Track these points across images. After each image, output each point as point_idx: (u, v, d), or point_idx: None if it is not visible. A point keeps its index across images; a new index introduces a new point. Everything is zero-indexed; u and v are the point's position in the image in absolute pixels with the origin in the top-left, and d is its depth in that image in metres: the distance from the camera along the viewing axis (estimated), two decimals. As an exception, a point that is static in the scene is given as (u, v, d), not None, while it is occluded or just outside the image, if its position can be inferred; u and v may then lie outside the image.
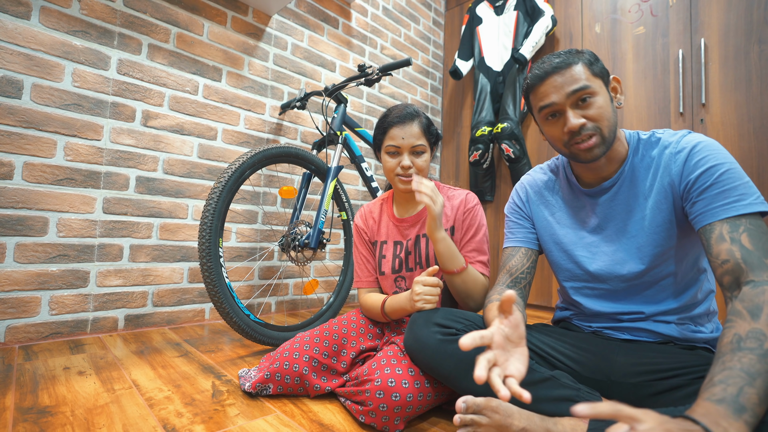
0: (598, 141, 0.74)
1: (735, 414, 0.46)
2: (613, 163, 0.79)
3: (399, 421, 0.77)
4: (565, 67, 0.74)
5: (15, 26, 1.22)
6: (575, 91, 0.73)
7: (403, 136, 0.99)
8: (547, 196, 0.91)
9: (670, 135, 0.77)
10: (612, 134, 0.74)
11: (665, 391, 0.67)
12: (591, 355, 0.77)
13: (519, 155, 2.20)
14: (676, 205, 0.74)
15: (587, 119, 0.73)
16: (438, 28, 2.92)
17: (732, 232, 0.63)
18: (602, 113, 0.73)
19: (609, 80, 0.77)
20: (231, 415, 0.82)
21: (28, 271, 1.23)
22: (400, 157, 1.01)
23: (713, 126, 1.73)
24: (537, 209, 0.92)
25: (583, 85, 0.73)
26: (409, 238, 1.07)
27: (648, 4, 1.94)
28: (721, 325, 0.79)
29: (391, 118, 1.02)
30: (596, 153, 0.75)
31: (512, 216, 0.95)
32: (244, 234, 1.75)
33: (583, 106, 0.74)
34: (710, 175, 0.68)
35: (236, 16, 1.74)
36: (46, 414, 0.78)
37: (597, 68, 0.75)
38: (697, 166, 0.70)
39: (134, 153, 1.45)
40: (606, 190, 0.81)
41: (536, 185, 0.93)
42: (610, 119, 0.74)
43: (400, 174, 1.01)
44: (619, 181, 0.79)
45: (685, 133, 0.75)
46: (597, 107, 0.73)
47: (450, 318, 0.82)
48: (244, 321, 1.17)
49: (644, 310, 0.77)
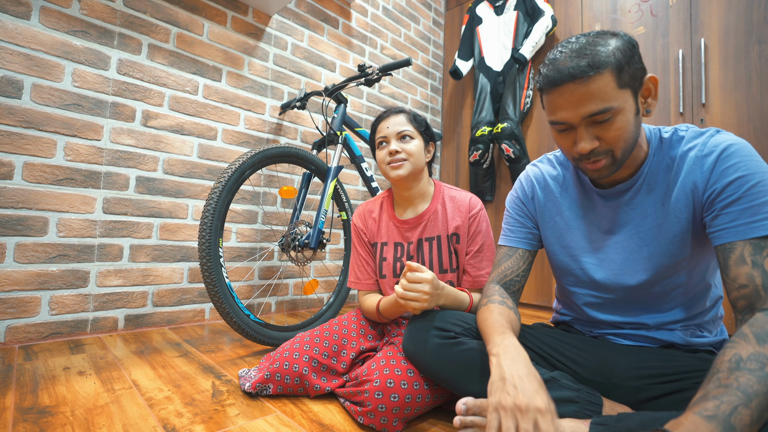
0: (608, 163, 0.66)
1: None
2: (628, 168, 0.72)
3: (398, 422, 0.77)
4: (586, 77, 0.61)
5: (15, 26, 1.22)
6: (592, 114, 0.62)
7: (388, 125, 1.03)
8: (555, 194, 0.83)
9: (695, 134, 0.68)
10: (627, 153, 0.66)
11: (666, 394, 0.67)
12: (592, 357, 0.76)
13: (519, 155, 2.20)
14: (696, 214, 0.67)
15: (601, 141, 0.64)
16: (438, 28, 2.92)
17: (755, 255, 0.57)
18: (620, 135, 0.63)
19: (642, 84, 0.64)
20: (231, 415, 0.82)
21: (28, 271, 1.23)
22: (388, 146, 1.03)
23: (713, 126, 1.72)
24: (543, 207, 0.84)
25: (603, 108, 0.61)
26: (410, 241, 1.06)
27: (648, 4, 1.94)
28: (725, 329, 0.78)
29: (379, 116, 1.07)
30: (603, 174, 0.68)
31: (513, 212, 0.88)
32: (244, 234, 1.75)
33: (599, 127, 0.63)
34: (739, 186, 0.60)
35: (236, 16, 1.74)
36: (46, 414, 0.78)
37: (628, 75, 0.62)
38: (726, 174, 0.62)
39: (134, 153, 1.45)
40: (622, 193, 0.74)
41: (543, 180, 0.85)
42: (628, 140, 0.64)
43: (389, 161, 1.01)
44: (636, 184, 0.72)
45: (712, 132, 0.66)
46: (615, 129, 0.63)
47: (448, 321, 0.81)
48: (244, 321, 1.17)
49: (648, 321, 0.75)
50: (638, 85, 0.64)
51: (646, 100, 0.67)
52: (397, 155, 1.00)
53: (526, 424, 0.52)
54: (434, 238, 1.04)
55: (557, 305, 0.93)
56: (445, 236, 1.04)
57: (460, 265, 1.04)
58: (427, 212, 1.06)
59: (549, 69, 0.65)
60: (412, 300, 0.81)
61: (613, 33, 0.64)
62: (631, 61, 0.62)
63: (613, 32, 0.65)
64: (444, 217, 1.05)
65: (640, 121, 0.67)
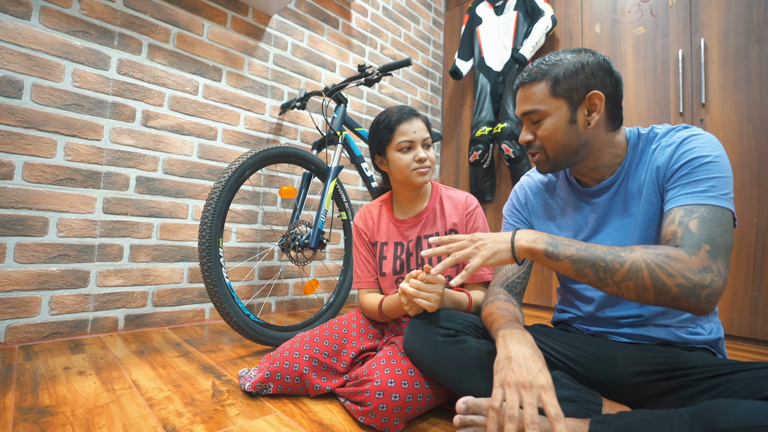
0: (543, 159, 0.78)
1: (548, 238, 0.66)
2: (603, 168, 0.79)
3: (399, 422, 0.77)
4: (528, 83, 0.76)
5: (15, 26, 1.22)
6: (525, 113, 0.76)
7: (414, 130, 1.02)
8: (547, 199, 0.90)
9: (666, 129, 0.76)
10: (560, 154, 0.76)
11: (665, 392, 0.67)
12: (591, 356, 0.77)
13: (519, 155, 2.20)
14: (661, 196, 0.73)
15: (535, 137, 0.77)
16: (438, 28, 2.92)
17: (684, 217, 0.63)
18: (548, 136, 0.75)
19: (583, 98, 0.73)
20: (231, 415, 0.82)
21: (28, 271, 1.23)
22: (414, 151, 1.02)
23: (713, 126, 1.73)
24: (536, 212, 0.91)
25: (531, 109, 0.75)
26: (410, 239, 1.07)
27: (648, 4, 1.94)
28: (721, 326, 0.79)
29: (397, 116, 1.03)
30: (541, 168, 0.80)
31: (510, 219, 0.95)
32: (244, 234, 1.75)
33: (534, 125, 0.77)
34: (690, 164, 0.67)
35: (236, 16, 1.74)
36: (46, 414, 0.78)
37: (564, 87, 0.72)
38: (682, 157, 0.69)
39: (134, 153, 1.45)
40: (606, 189, 0.80)
41: (535, 187, 0.92)
42: (558, 143, 0.74)
43: (417, 167, 1.01)
44: (618, 179, 0.78)
45: (681, 126, 0.74)
46: (543, 129, 0.75)
47: (448, 319, 0.82)
48: (244, 321, 1.17)
49: (643, 312, 0.77)
50: (578, 98, 0.73)
51: (591, 114, 0.74)
52: (425, 162, 1.02)
53: (530, 398, 0.55)
54: (432, 236, 1.05)
55: (557, 304, 0.94)
56: (444, 233, 1.05)
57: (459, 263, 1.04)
58: (425, 211, 1.07)
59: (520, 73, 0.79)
60: (425, 299, 0.81)
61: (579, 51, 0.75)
62: (573, 77, 0.72)
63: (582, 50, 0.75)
64: (442, 214, 1.07)
65: (578, 130, 0.74)
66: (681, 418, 0.53)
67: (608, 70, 0.73)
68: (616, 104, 0.75)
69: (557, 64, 0.73)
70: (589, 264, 0.62)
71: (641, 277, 0.58)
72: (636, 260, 0.59)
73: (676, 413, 0.55)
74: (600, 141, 0.76)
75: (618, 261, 0.60)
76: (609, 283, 0.61)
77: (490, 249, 0.68)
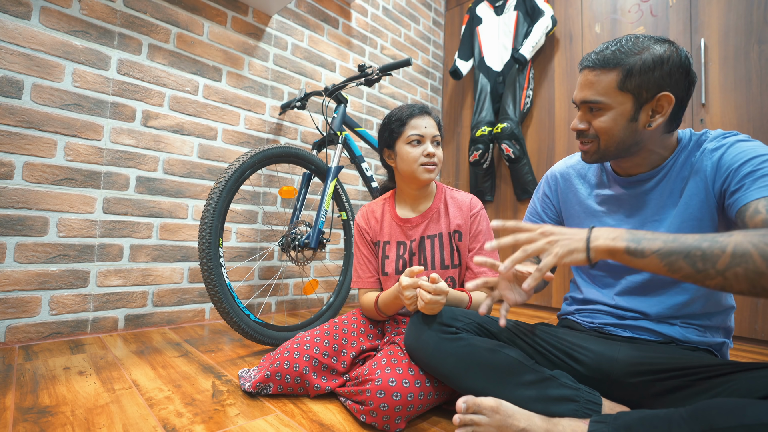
0: (593, 149, 0.76)
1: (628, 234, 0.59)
2: (644, 165, 0.77)
3: (400, 421, 0.77)
4: (596, 69, 0.71)
5: (15, 26, 1.22)
6: (585, 101, 0.73)
7: (425, 125, 1.03)
8: (577, 185, 0.89)
9: (715, 134, 0.73)
10: (612, 148, 0.73)
11: (666, 391, 0.67)
12: (592, 355, 0.77)
13: (519, 155, 2.20)
14: (709, 202, 0.71)
15: (590, 127, 0.74)
16: (438, 28, 2.92)
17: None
18: (604, 129, 0.72)
19: (652, 97, 0.69)
20: (231, 415, 0.82)
21: (28, 271, 1.23)
22: (424, 146, 1.02)
23: (713, 126, 1.73)
24: (565, 197, 0.91)
25: (593, 99, 0.71)
26: (413, 239, 1.07)
27: (648, 4, 1.94)
28: (731, 343, 0.79)
29: (410, 111, 1.04)
30: (588, 158, 0.77)
31: (539, 204, 0.96)
32: (244, 234, 1.75)
33: (591, 114, 0.73)
34: (753, 163, 0.64)
35: (236, 16, 1.74)
36: (46, 414, 0.78)
37: (635, 83, 0.68)
38: (740, 157, 0.66)
39: (134, 153, 1.45)
40: (643, 182, 0.78)
41: (567, 174, 0.92)
42: (613, 137, 0.72)
43: (425, 162, 1.01)
44: (659, 175, 0.76)
45: (731, 133, 0.72)
46: (601, 122, 0.72)
47: (449, 317, 0.83)
48: (244, 321, 1.17)
49: (650, 311, 0.76)
50: (646, 97, 0.68)
51: (654, 115, 0.70)
52: (433, 158, 1.02)
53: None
54: (436, 236, 1.05)
55: (567, 295, 0.94)
56: (447, 234, 1.05)
57: (462, 262, 1.05)
58: (429, 211, 1.07)
59: (587, 54, 0.74)
60: (429, 312, 0.83)
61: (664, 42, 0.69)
62: (648, 73, 0.67)
63: (667, 42, 0.69)
64: (446, 215, 1.07)
65: (636, 129, 0.71)
66: (680, 418, 0.53)
67: (687, 70, 0.69)
68: (683, 107, 0.71)
69: (635, 53, 0.68)
70: (683, 255, 0.54)
71: (751, 261, 0.50)
72: (740, 243, 0.52)
73: (676, 413, 0.55)
74: (654, 142, 0.74)
75: (718, 247, 0.53)
76: (711, 274, 0.53)
77: (565, 246, 0.62)
